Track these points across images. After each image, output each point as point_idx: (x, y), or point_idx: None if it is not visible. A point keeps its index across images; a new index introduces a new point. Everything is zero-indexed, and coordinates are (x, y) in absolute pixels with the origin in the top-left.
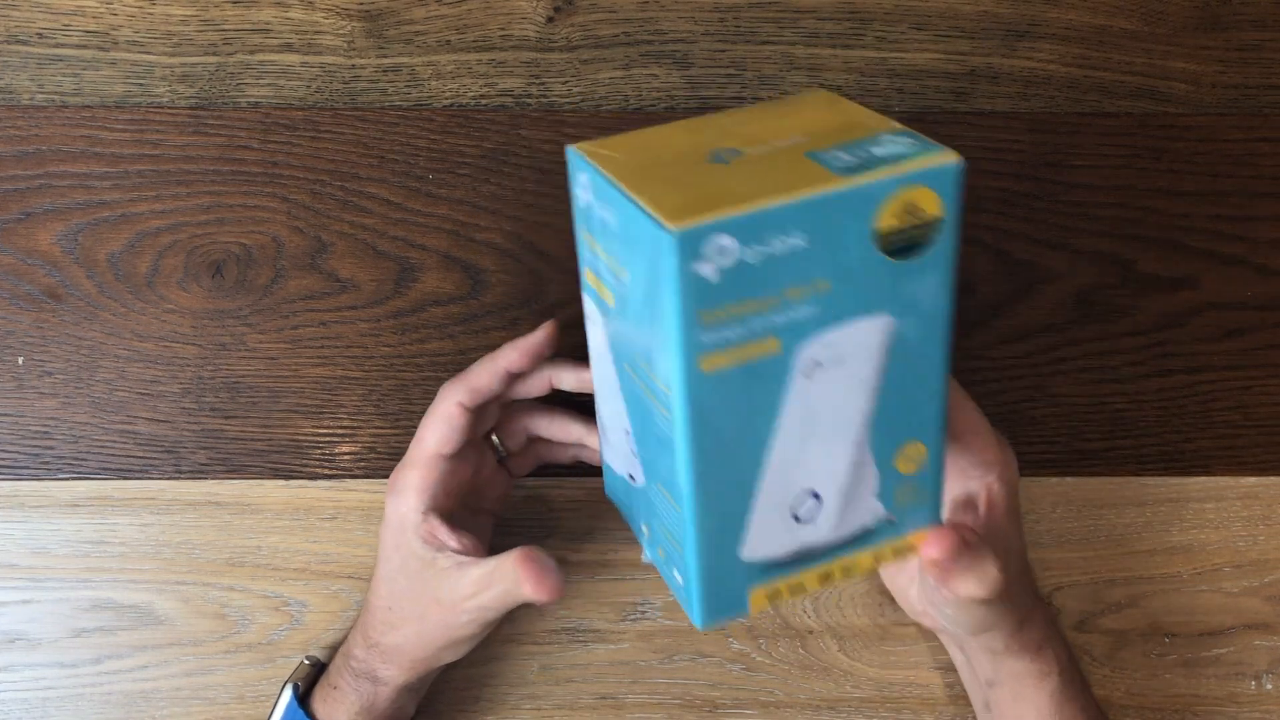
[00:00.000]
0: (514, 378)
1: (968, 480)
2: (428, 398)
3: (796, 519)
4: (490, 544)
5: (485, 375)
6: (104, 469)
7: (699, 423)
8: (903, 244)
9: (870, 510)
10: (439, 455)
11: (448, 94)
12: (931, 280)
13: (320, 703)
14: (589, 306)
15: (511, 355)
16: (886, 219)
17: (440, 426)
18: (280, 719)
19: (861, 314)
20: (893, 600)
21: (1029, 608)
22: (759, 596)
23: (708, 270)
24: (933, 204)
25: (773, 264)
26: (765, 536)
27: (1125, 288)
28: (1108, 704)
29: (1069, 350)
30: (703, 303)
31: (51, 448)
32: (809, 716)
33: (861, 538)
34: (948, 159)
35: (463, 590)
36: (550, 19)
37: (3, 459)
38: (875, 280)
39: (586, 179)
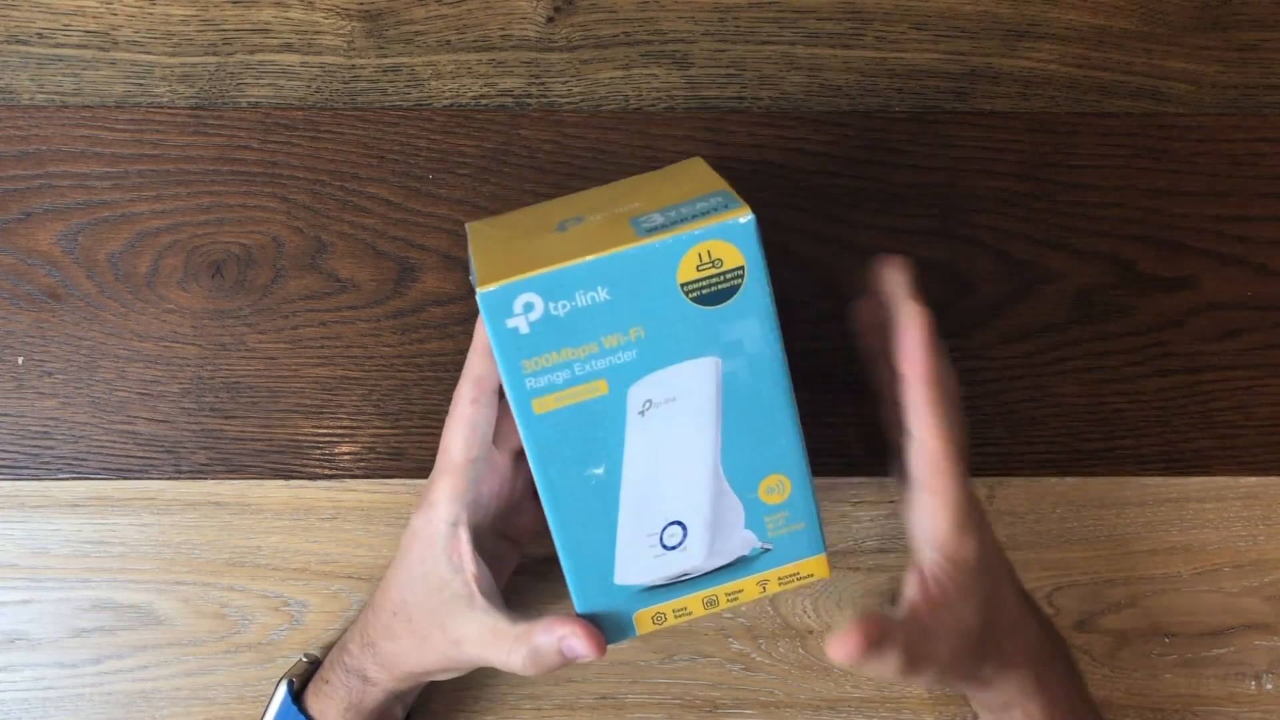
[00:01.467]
0: None
1: (919, 546)
2: (428, 398)
3: (665, 546)
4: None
5: (476, 360)
6: (104, 469)
7: (544, 460)
8: (710, 292)
9: (742, 539)
10: (466, 460)
11: (448, 94)
12: (751, 324)
13: (313, 697)
14: None
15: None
16: (687, 271)
17: (461, 429)
18: (274, 715)
19: (684, 356)
20: (891, 600)
21: (993, 673)
22: (644, 619)
23: (518, 324)
24: (732, 255)
25: (582, 315)
26: (635, 563)
27: (1125, 288)
28: (1108, 704)
29: (1069, 350)
30: (521, 352)
31: (51, 448)
32: (809, 716)
33: (741, 565)
34: (740, 214)
35: (468, 632)
36: (550, 19)
37: (3, 459)
38: (690, 326)
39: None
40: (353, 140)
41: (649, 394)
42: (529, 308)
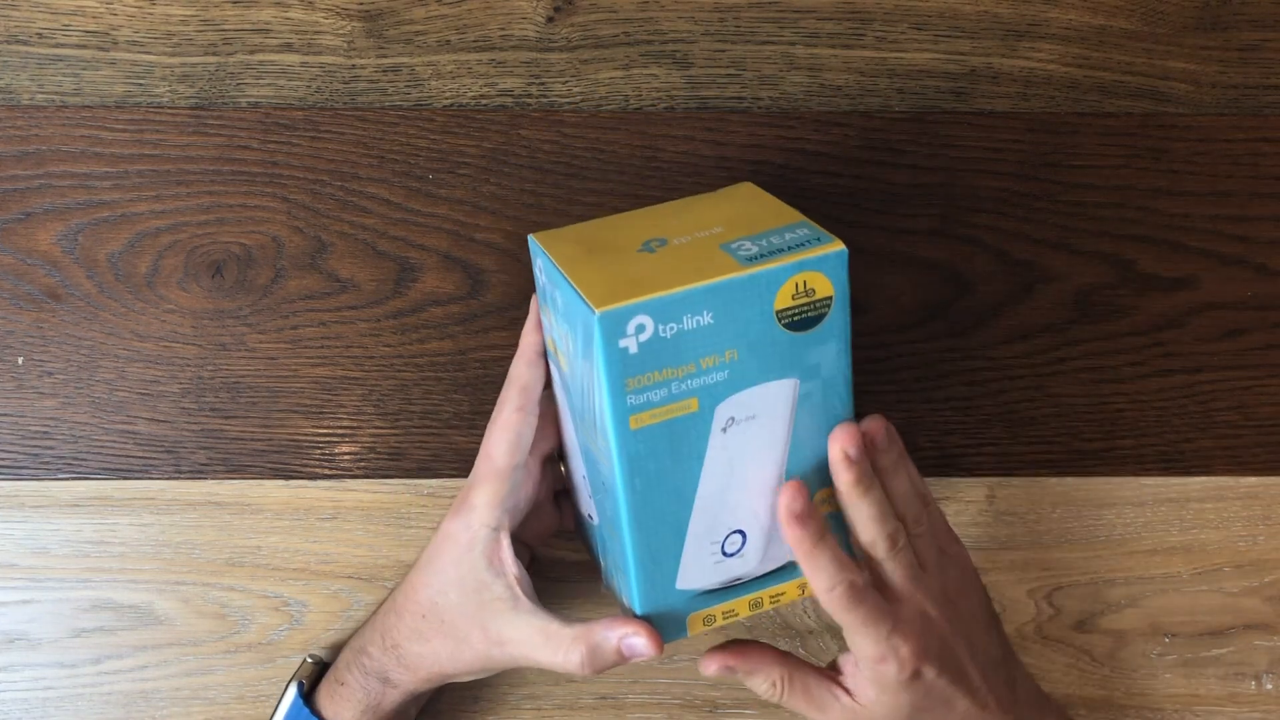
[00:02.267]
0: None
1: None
2: (428, 398)
3: (725, 554)
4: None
5: (522, 368)
6: (104, 469)
7: (631, 472)
8: (800, 319)
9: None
10: (510, 466)
11: (448, 94)
12: (830, 349)
13: (326, 699)
14: (552, 370)
15: (533, 337)
16: (784, 299)
17: (505, 435)
18: (284, 716)
19: (769, 377)
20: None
21: None
22: (696, 621)
23: (629, 344)
24: (824, 285)
25: (686, 338)
26: (697, 569)
27: (1125, 288)
28: (1108, 704)
29: (1069, 350)
30: (627, 371)
31: (51, 448)
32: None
33: (786, 570)
34: (835, 247)
35: (514, 634)
36: (550, 19)
37: (3, 459)
38: (779, 350)
39: (542, 263)
40: (353, 140)
41: (733, 412)
42: (640, 329)
